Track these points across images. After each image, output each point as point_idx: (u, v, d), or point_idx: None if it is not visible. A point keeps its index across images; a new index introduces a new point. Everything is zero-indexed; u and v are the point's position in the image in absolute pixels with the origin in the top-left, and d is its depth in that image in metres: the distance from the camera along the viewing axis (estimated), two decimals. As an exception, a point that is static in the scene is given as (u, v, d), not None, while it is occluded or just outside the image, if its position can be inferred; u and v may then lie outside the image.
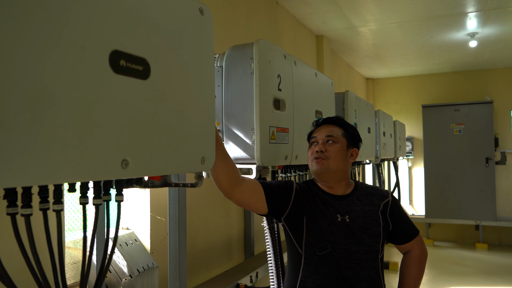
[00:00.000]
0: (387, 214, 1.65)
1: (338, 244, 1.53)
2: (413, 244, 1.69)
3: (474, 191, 6.77)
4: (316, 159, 1.65)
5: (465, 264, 5.83)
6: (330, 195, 1.65)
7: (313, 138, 1.72)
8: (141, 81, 1.05)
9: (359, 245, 1.54)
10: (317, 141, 1.69)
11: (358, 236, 1.55)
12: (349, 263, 1.52)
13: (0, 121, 0.73)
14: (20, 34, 0.77)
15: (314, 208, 1.60)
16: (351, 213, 1.59)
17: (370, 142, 3.73)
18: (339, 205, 1.61)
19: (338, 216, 1.58)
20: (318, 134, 1.71)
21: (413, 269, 1.67)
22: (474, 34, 5.11)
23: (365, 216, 1.60)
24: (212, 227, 2.76)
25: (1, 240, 1.33)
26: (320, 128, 1.74)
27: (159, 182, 1.36)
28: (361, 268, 1.53)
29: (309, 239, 1.55)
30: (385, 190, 1.75)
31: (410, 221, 1.72)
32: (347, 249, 1.53)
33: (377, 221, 1.61)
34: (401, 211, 1.71)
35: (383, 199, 1.67)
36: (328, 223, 1.56)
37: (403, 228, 1.68)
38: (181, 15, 1.22)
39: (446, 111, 7.04)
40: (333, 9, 4.18)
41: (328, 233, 1.54)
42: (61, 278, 1.00)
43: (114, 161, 0.97)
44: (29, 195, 0.90)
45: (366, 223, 1.58)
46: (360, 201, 1.65)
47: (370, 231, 1.58)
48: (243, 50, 1.78)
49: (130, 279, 1.91)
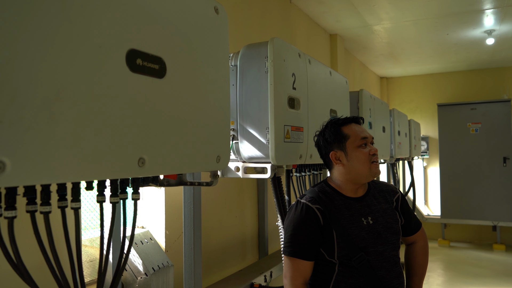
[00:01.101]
0: (399, 209, 1.69)
1: (368, 247, 1.54)
2: (418, 235, 1.76)
3: (491, 191, 6.65)
4: (374, 163, 1.60)
5: (482, 266, 5.73)
6: (352, 199, 1.62)
7: (365, 139, 1.61)
8: (157, 80, 1.05)
9: (385, 245, 1.56)
10: (368, 142, 1.62)
11: (383, 235, 1.57)
12: (381, 263, 1.54)
13: (19, 119, 0.74)
14: (39, 34, 0.78)
15: (341, 219, 1.55)
16: (372, 214, 1.60)
17: (385, 141, 3.69)
18: (361, 207, 1.61)
19: (363, 220, 1.57)
20: (365, 133, 1.63)
21: (420, 258, 1.75)
22: (491, 31, 5.02)
23: (384, 215, 1.61)
24: (226, 227, 2.76)
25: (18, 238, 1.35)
26: (358, 126, 1.66)
27: (175, 180, 1.37)
28: (390, 266, 1.56)
29: (342, 251, 1.52)
30: (392, 185, 1.77)
31: (414, 213, 1.78)
32: (376, 250, 1.54)
33: (395, 218, 1.64)
34: (408, 204, 1.76)
35: (393, 195, 1.71)
36: (358, 230, 1.55)
37: (411, 221, 1.73)
38: (196, 14, 1.22)
39: (462, 110, 6.93)
40: (347, 7, 4.15)
41: (360, 240, 1.53)
42: (79, 276, 1.01)
43: (131, 159, 0.97)
44: (48, 193, 0.91)
45: (387, 222, 1.60)
46: (376, 199, 1.65)
47: (392, 229, 1.60)
48: (257, 49, 1.78)
49: (145, 277, 1.92)
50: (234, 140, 1.83)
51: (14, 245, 0.86)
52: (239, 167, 1.86)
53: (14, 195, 0.84)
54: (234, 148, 1.84)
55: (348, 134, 1.62)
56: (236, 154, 1.86)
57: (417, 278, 1.74)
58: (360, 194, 1.64)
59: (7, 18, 0.72)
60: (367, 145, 1.62)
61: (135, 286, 1.92)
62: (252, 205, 3.08)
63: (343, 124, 1.65)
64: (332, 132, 1.64)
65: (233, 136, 1.82)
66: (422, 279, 1.75)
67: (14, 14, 0.73)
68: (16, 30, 0.74)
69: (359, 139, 1.60)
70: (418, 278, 1.74)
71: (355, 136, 1.61)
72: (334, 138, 1.63)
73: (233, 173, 1.87)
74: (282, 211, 2.02)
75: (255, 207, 3.12)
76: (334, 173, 1.67)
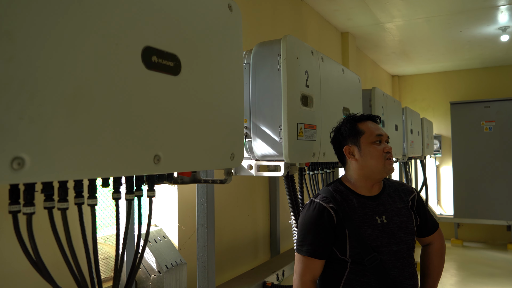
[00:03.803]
0: (414, 209, 1.67)
1: (381, 247, 1.52)
2: (435, 236, 1.73)
3: (506, 190, 6.55)
4: (389, 159, 1.60)
5: (496, 266, 5.65)
6: (366, 197, 1.60)
7: (380, 136, 1.62)
8: (172, 77, 1.06)
9: (399, 244, 1.54)
10: (383, 140, 1.63)
11: (397, 235, 1.55)
12: (394, 263, 1.52)
13: (39, 116, 0.74)
14: (57, 33, 0.78)
15: (354, 218, 1.54)
16: (387, 213, 1.58)
17: (397, 139, 3.66)
18: (375, 205, 1.59)
19: (377, 219, 1.56)
20: (380, 131, 1.64)
21: (436, 260, 1.72)
22: (505, 28, 4.94)
23: (399, 214, 1.59)
24: (238, 225, 2.76)
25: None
26: (374, 124, 1.67)
27: (189, 178, 1.37)
28: (404, 266, 1.54)
29: (355, 250, 1.52)
30: (409, 185, 1.77)
31: (431, 214, 1.75)
32: (389, 250, 1.53)
33: (410, 218, 1.62)
34: (424, 204, 1.73)
35: (409, 194, 1.68)
36: (371, 229, 1.53)
37: (427, 222, 1.71)
38: (210, 11, 1.22)
39: (475, 108, 6.84)
40: (359, 5, 4.12)
41: (373, 239, 1.52)
42: (96, 272, 1.01)
43: (147, 156, 0.97)
44: (65, 190, 0.92)
45: (402, 221, 1.58)
46: (391, 198, 1.63)
47: (407, 229, 1.58)
48: (270, 47, 1.77)
49: (159, 275, 1.93)
50: (247, 138, 1.82)
51: (33, 241, 0.86)
52: (252, 165, 1.86)
53: (33, 191, 0.85)
54: (247, 146, 1.84)
55: (363, 130, 1.63)
56: (249, 152, 1.86)
57: (431, 280, 1.71)
58: (375, 192, 1.62)
59: (27, 17, 0.73)
60: (381, 142, 1.62)
61: (149, 284, 1.93)
62: (264, 203, 3.08)
63: (359, 120, 1.66)
64: (347, 128, 1.65)
65: (246, 134, 1.82)
66: (437, 282, 1.71)
67: (34, 14, 0.74)
68: (35, 29, 0.74)
69: (374, 136, 1.61)
70: (433, 280, 1.70)
71: (370, 133, 1.62)
72: (349, 133, 1.64)
73: (246, 171, 1.86)
74: (295, 209, 2.01)
75: (267, 205, 3.12)
76: (348, 170, 1.67)
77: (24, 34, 0.72)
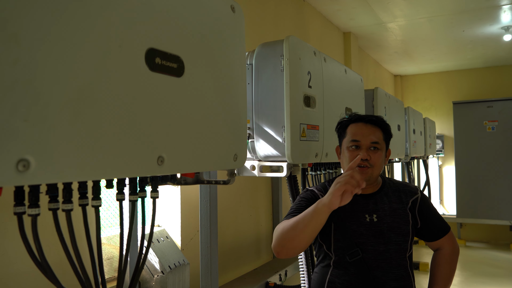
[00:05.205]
0: (415, 211, 1.59)
1: (366, 244, 1.50)
2: (444, 241, 1.64)
3: (508, 190, 6.53)
4: (360, 167, 1.50)
5: (499, 266, 5.64)
6: (357, 195, 1.54)
7: (355, 142, 1.53)
8: (175, 79, 1.06)
9: (388, 244, 1.51)
10: (361, 146, 1.53)
11: (386, 235, 1.51)
12: (378, 262, 1.49)
13: (43, 118, 0.75)
14: (61, 35, 0.79)
15: (340, 212, 1.51)
16: (379, 212, 1.55)
17: (400, 139, 3.66)
18: (366, 204, 1.56)
19: (366, 217, 1.54)
20: (362, 138, 1.53)
21: (444, 266, 1.63)
22: (508, 27, 4.93)
23: (393, 214, 1.55)
24: (241, 226, 2.77)
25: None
26: (361, 128, 1.56)
27: (192, 179, 1.37)
28: (390, 267, 1.50)
29: (338, 243, 1.51)
30: (414, 186, 1.68)
31: (440, 218, 1.67)
32: (375, 249, 1.50)
33: (406, 219, 1.56)
34: (431, 207, 1.65)
35: (411, 195, 1.61)
36: (357, 225, 1.52)
37: (433, 225, 1.63)
38: (213, 12, 1.22)
39: (478, 107, 6.82)
40: (361, 5, 4.12)
41: (357, 236, 1.51)
42: (100, 273, 1.02)
43: (151, 157, 0.98)
44: (70, 191, 0.92)
45: (394, 222, 1.54)
46: (388, 198, 1.59)
47: (399, 230, 1.53)
48: (273, 47, 1.77)
49: (162, 275, 1.93)
50: (250, 138, 1.83)
51: (38, 242, 0.87)
52: (255, 165, 1.86)
53: (38, 193, 0.85)
54: (250, 146, 1.84)
55: (347, 132, 1.58)
56: (252, 152, 1.86)
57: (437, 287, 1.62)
58: (369, 191, 1.59)
59: (32, 21, 0.73)
60: (360, 148, 1.53)
61: (152, 284, 1.94)
62: (266, 204, 3.08)
63: (352, 122, 1.60)
64: (337, 128, 1.65)
65: (248, 134, 1.82)
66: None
67: (39, 17, 0.74)
68: (40, 32, 0.75)
69: (349, 141, 1.55)
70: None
71: (349, 136, 1.56)
72: (338, 134, 1.64)
73: (249, 171, 1.87)
74: (297, 209, 2.01)
75: (270, 206, 3.12)
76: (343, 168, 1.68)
77: (30, 37, 0.73)
